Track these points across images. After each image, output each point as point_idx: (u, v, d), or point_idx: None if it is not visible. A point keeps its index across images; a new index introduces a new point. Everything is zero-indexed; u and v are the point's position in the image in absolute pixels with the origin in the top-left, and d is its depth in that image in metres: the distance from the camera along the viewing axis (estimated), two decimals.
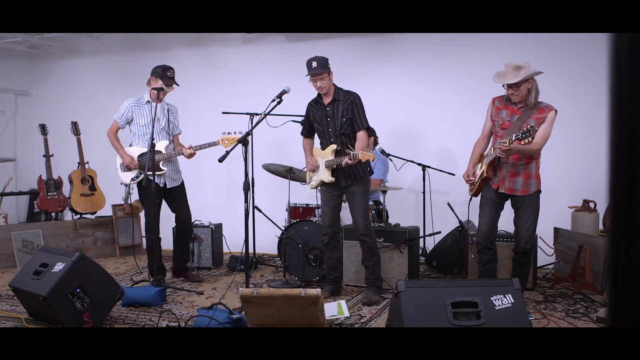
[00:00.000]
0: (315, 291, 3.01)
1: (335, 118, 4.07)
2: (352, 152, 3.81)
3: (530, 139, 3.35)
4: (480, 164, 3.89)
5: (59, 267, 3.42)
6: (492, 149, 3.77)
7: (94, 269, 3.55)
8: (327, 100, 4.10)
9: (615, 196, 0.46)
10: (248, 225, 3.73)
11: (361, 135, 4.03)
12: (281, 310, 3.11)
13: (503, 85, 3.69)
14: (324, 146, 4.18)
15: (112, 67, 7.03)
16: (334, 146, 4.07)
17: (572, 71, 5.09)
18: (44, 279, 3.41)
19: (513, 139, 3.44)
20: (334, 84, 4.12)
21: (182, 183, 4.80)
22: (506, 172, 3.72)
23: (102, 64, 7.10)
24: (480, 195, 3.92)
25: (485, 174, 3.76)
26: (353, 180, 4.08)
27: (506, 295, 2.59)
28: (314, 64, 3.98)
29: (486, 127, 3.93)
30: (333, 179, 4.09)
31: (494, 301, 2.57)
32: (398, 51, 5.90)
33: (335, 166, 4.07)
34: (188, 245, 5.00)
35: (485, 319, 2.53)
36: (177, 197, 4.74)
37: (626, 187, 0.44)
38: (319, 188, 4.29)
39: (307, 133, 4.34)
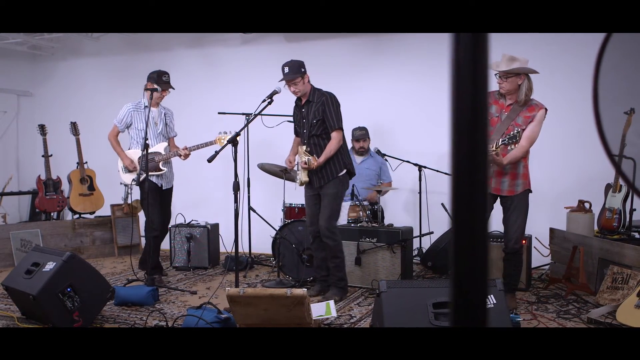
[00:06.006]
0: (300, 291, 3.02)
1: (308, 119, 4.12)
2: (307, 158, 3.97)
3: (516, 144, 3.33)
4: None
5: (49, 266, 3.45)
6: None
7: (85, 269, 3.58)
8: (303, 102, 4.17)
9: (456, 193, 0.47)
10: (238, 225, 3.75)
11: (333, 135, 4.07)
12: (268, 310, 3.11)
13: (495, 74, 3.66)
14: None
15: (113, 67, 7.07)
16: (304, 147, 4.10)
17: (569, 70, 5.05)
18: (35, 278, 3.44)
19: (500, 143, 3.42)
20: (312, 85, 4.16)
21: (172, 186, 4.87)
22: (492, 172, 3.69)
23: (102, 65, 7.15)
24: None
25: None
26: (325, 181, 4.12)
27: (488, 296, 2.57)
28: (286, 69, 4.05)
29: None
30: (307, 179, 4.15)
31: None
32: (395, 51, 5.88)
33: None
34: (159, 246, 4.87)
35: None
36: (166, 199, 4.80)
37: (466, 182, 0.45)
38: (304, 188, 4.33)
39: (296, 132, 4.41)
